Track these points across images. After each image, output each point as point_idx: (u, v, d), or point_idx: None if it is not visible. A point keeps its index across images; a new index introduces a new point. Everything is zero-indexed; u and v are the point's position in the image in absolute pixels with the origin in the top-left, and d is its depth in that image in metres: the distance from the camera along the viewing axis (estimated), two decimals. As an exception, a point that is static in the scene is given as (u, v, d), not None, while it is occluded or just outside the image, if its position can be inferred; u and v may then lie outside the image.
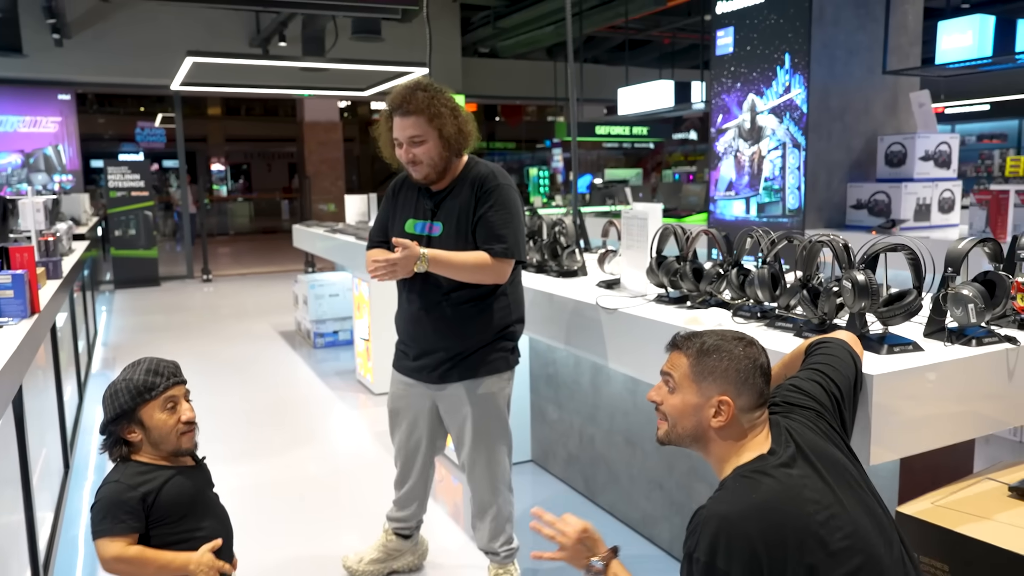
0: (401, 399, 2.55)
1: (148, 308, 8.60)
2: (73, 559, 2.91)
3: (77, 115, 10.34)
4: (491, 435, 2.45)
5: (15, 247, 2.45)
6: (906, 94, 4.96)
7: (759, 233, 2.19)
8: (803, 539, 1.28)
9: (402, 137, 2.28)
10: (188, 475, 1.68)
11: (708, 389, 1.44)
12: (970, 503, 1.67)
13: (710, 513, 1.32)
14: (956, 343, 1.82)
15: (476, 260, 2.27)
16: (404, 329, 2.51)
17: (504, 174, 2.39)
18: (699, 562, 1.29)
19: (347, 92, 10.37)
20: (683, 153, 18.76)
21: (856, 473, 1.43)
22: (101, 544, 1.55)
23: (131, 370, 1.64)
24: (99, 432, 1.65)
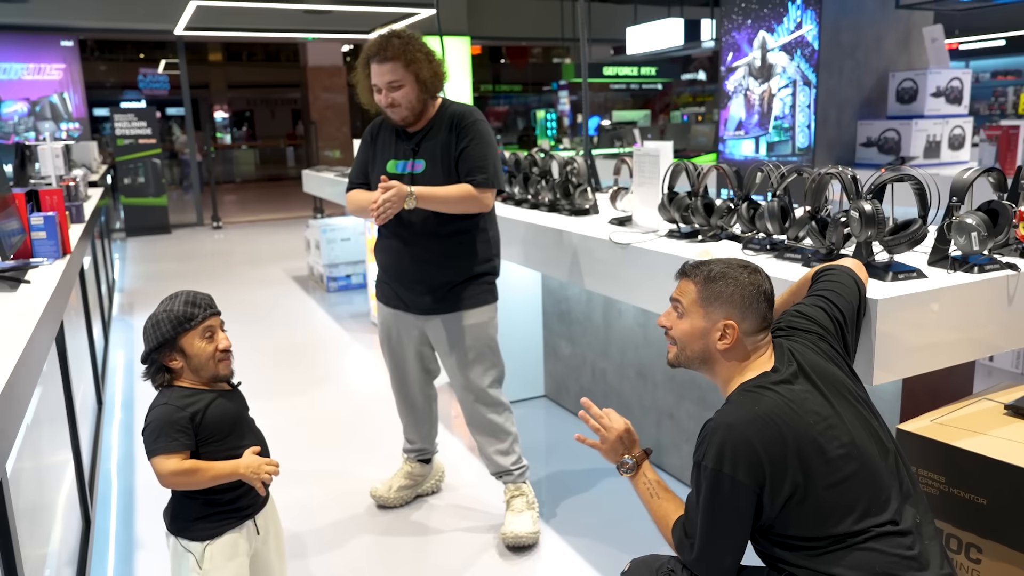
0: (389, 328, 2.67)
1: (161, 255, 8.71)
2: (109, 491, 3.07)
3: (80, 62, 10.29)
4: (484, 362, 2.59)
5: (45, 190, 2.53)
6: (919, 29, 4.92)
7: (769, 168, 2.25)
8: (802, 447, 1.38)
9: (380, 83, 2.39)
10: (228, 398, 1.79)
11: (714, 314, 1.53)
12: (967, 420, 1.76)
13: (716, 424, 1.42)
14: (959, 270, 1.89)
15: (460, 192, 2.41)
16: (386, 262, 2.62)
17: (477, 111, 2.53)
18: (707, 469, 1.39)
19: (352, 35, 10.26)
20: (691, 94, 18.53)
21: (855, 390, 1.52)
22: (157, 461, 1.66)
23: (170, 302, 1.73)
24: (140, 361, 1.75)
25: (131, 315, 5.84)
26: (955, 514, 1.66)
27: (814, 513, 1.38)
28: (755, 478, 1.37)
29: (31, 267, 2.28)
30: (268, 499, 1.92)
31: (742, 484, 1.37)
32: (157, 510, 2.82)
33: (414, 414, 2.79)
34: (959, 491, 1.65)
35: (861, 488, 1.39)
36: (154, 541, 2.66)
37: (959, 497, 1.65)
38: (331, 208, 10.63)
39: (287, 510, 2.23)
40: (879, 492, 1.40)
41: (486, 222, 2.55)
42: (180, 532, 1.78)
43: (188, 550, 1.77)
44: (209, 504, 1.77)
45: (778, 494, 1.37)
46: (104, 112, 17.01)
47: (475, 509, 2.83)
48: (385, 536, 2.68)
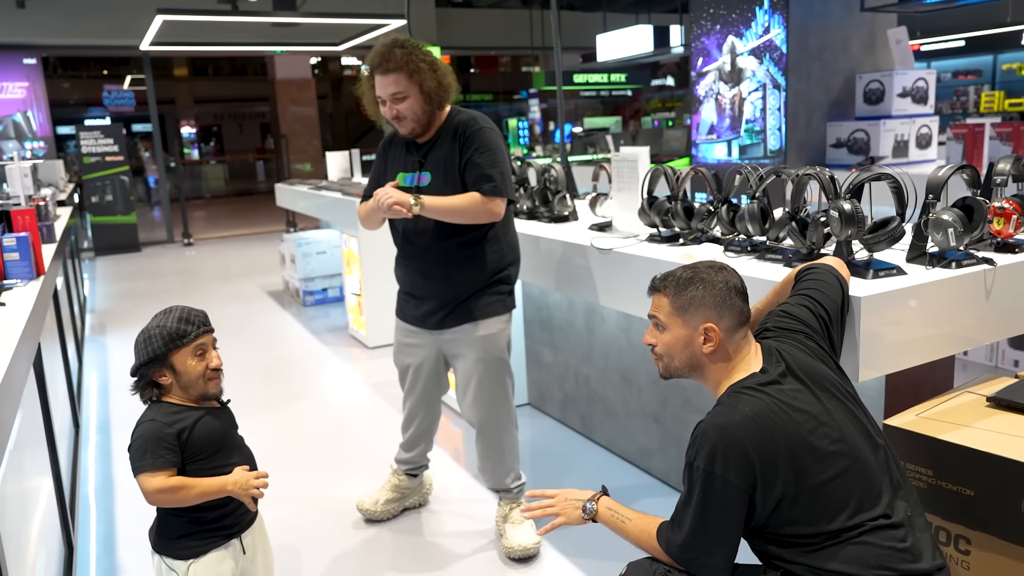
0: (407, 346, 2.64)
1: (131, 274, 8.58)
2: (88, 515, 3.01)
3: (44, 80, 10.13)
4: (494, 376, 2.55)
5: (17, 210, 2.48)
6: (884, 31, 5.02)
7: (747, 170, 2.28)
8: (792, 446, 1.40)
9: (384, 94, 2.36)
10: (216, 415, 1.77)
11: (693, 319, 1.55)
12: (951, 414, 1.80)
13: (708, 425, 1.44)
14: (937, 266, 1.93)
15: (468, 200, 2.35)
16: (403, 278, 2.60)
17: (485, 118, 2.47)
18: (699, 469, 1.41)
19: (321, 47, 10.22)
20: (660, 100, 18.71)
21: (843, 386, 1.54)
22: (143, 479, 1.63)
23: (163, 317, 1.71)
24: (130, 374, 1.73)
25: (103, 336, 5.74)
26: (943, 506, 1.69)
27: (807, 511, 1.39)
28: (747, 479, 1.38)
29: (5, 288, 2.23)
30: (256, 517, 1.89)
31: (734, 485, 1.38)
32: (138, 534, 2.78)
33: (418, 429, 2.75)
34: (947, 483, 1.67)
35: (853, 484, 1.41)
36: (136, 565, 2.61)
37: (947, 489, 1.67)
38: (304, 221, 10.55)
39: (273, 527, 2.20)
40: (871, 487, 1.42)
41: (496, 230, 2.47)
42: (164, 550, 1.76)
43: (172, 568, 1.75)
44: (194, 522, 1.75)
45: (770, 494, 1.39)
46: (69, 130, 16.74)
47: (465, 522, 2.82)
48: (375, 551, 2.65)
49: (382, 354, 4.90)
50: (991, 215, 1.97)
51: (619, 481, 3.01)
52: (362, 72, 2.45)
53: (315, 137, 14.64)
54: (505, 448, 2.62)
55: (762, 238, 2.23)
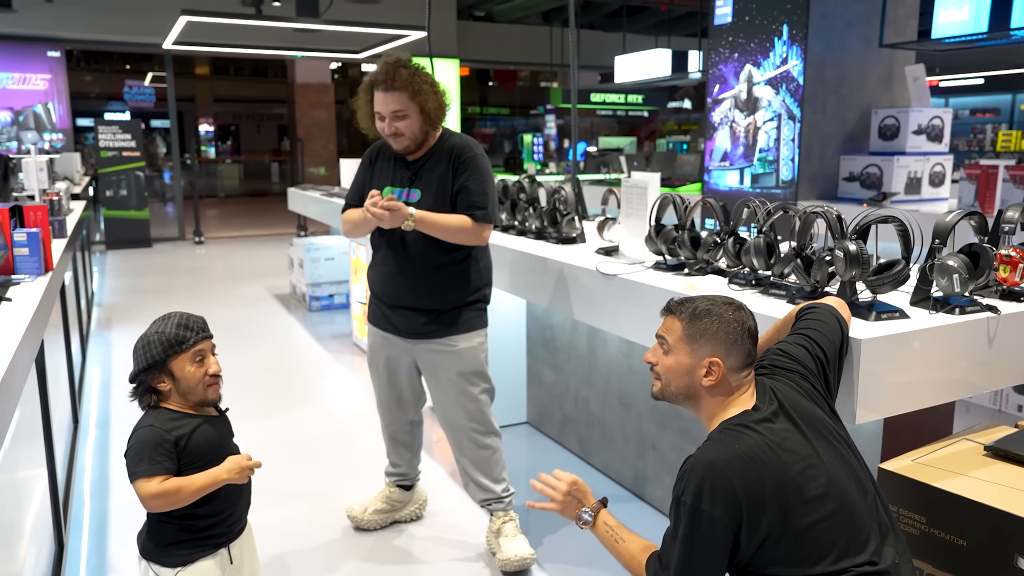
0: (379, 351, 2.67)
1: (141, 269, 8.63)
2: (81, 512, 3.02)
3: (66, 72, 10.24)
4: (476, 387, 2.59)
5: (30, 205, 2.51)
6: (901, 67, 5.03)
7: (755, 203, 2.28)
8: (780, 486, 1.40)
9: (385, 111, 2.40)
10: (213, 424, 1.78)
11: (700, 350, 1.55)
12: (948, 461, 1.79)
13: (697, 461, 1.44)
14: (940, 311, 1.92)
15: (459, 222, 2.44)
16: (379, 285, 2.62)
17: (477, 144, 2.56)
18: (685, 504, 1.41)
19: (342, 54, 10.31)
20: (677, 122, 18.76)
21: (836, 429, 1.54)
22: (139, 484, 1.64)
23: (162, 323, 1.72)
24: (129, 380, 1.74)
25: (109, 330, 5.78)
26: (935, 555, 1.68)
27: (791, 552, 1.39)
28: (732, 516, 1.38)
29: (12, 284, 2.25)
30: (245, 528, 1.90)
31: (719, 521, 1.38)
32: (129, 533, 2.77)
33: (397, 439, 2.78)
34: (939, 532, 1.66)
35: (839, 528, 1.41)
36: (126, 565, 2.62)
37: (939, 538, 1.66)
38: (315, 226, 10.60)
39: (264, 533, 2.20)
40: (858, 532, 1.42)
41: (479, 252, 2.58)
42: (152, 557, 1.76)
43: (159, 575, 1.75)
44: (184, 530, 1.75)
45: (755, 533, 1.39)
46: (88, 122, 16.91)
47: (457, 536, 2.81)
48: (365, 562, 2.65)
49: (384, 364, 4.90)
50: (997, 262, 1.97)
51: (613, 507, 2.98)
52: (361, 86, 2.50)
53: (331, 142, 14.72)
54: (490, 457, 2.64)
55: (767, 273, 2.23)
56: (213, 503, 1.75)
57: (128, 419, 1.74)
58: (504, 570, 2.53)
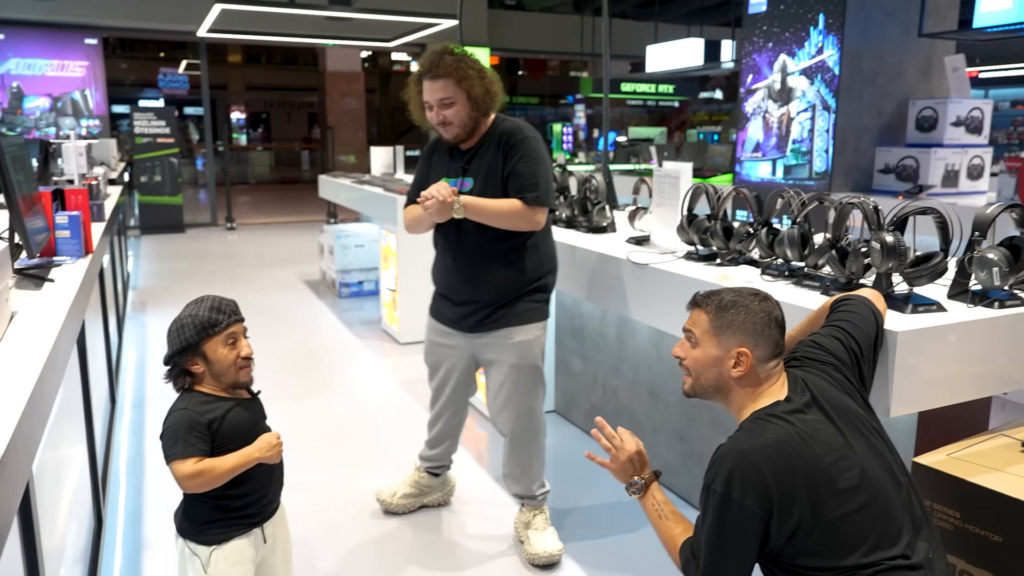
0: (439, 346, 2.66)
1: (174, 254, 8.77)
2: (117, 490, 3.09)
3: (103, 60, 10.40)
4: (528, 383, 2.56)
5: (70, 189, 2.56)
6: (941, 58, 4.93)
7: (790, 194, 2.26)
8: (811, 477, 1.39)
9: (432, 100, 2.39)
10: (246, 406, 1.80)
11: (728, 342, 1.55)
12: (983, 456, 1.76)
13: (728, 450, 1.44)
14: (979, 305, 1.89)
15: (510, 207, 2.39)
16: (440, 280, 2.62)
17: (529, 127, 2.50)
18: (716, 493, 1.41)
19: (373, 42, 10.34)
20: (708, 112, 18.57)
21: (869, 421, 1.53)
22: (175, 466, 1.67)
23: (195, 306, 1.75)
24: (163, 363, 1.77)
25: (144, 313, 5.88)
26: (969, 551, 1.66)
27: (823, 543, 1.38)
28: (763, 505, 1.38)
29: (55, 265, 2.30)
30: (278, 508, 1.93)
31: (749, 510, 1.38)
32: (164, 512, 2.85)
33: (444, 428, 2.78)
34: (974, 527, 1.65)
35: (871, 521, 1.40)
36: (161, 542, 2.68)
37: (974, 533, 1.64)
38: (345, 213, 10.68)
39: (295, 514, 2.24)
40: (890, 525, 1.40)
41: (536, 238, 2.50)
42: (188, 535, 1.80)
43: (195, 553, 1.79)
44: (220, 509, 1.78)
45: (785, 523, 1.38)
46: (123, 109, 17.16)
47: (486, 524, 2.84)
48: (392, 546, 2.68)
49: (413, 350, 4.94)
50: (1039, 256, 1.93)
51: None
52: (411, 77, 2.49)
53: (361, 130, 14.80)
54: (534, 456, 2.63)
55: (801, 264, 2.21)
56: (247, 484, 1.79)
57: (162, 400, 1.78)
58: (532, 563, 2.54)
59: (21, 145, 2.32)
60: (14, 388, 1.25)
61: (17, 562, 1.37)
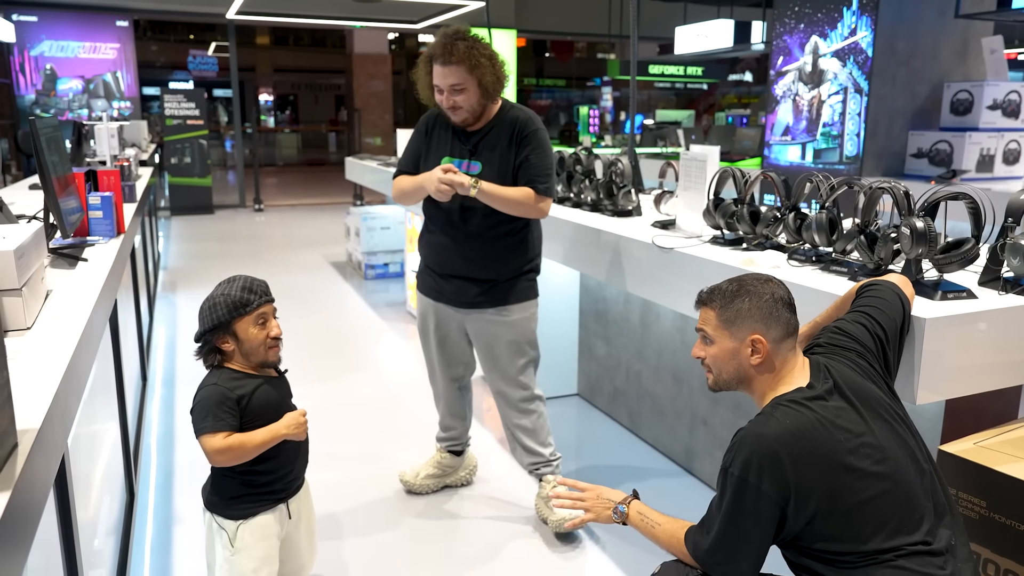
0: (429, 320, 2.71)
1: (203, 235, 8.88)
2: (148, 464, 3.16)
3: (134, 42, 10.50)
4: (523, 357, 2.64)
5: (103, 170, 2.60)
6: (978, 39, 4.81)
7: (818, 178, 2.23)
8: (831, 463, 1.39)
9: (443, 84, 2.41)
10: (273, 384, 1.84)
11: (740, 331, 1.55)
12: (1012, 445, 1.74)
13: (747, 434, 1.44)
14: (1011, 292, 1.86)
15: (522, 195, 2.45)
16: (431, 255, 2.65)
17: (538, 118, 2.56)
18: (733, 476, 1.42)
19: (400, 24, 10.33)
20: (736, 95, 18.32)
21: (893, 408, 1.51)
22: (205, 440, 1.72)
23: (227, 286, 1.78)
24: (194, 340, 1.81)
25: (174, 293, 5.98)
26: (995, 540, 1.64)
27: (842, 529, 1.38)
28: (780, 491, 1.38)
29: (88, 245, 2.35)
30: (303, 485, 1.97)
31: (766, 495, 1.38)
32: (193, 487, 2.91)
33: (449, 405, 2.83)
34: (1000, 516, 1.63)
35: (892, 507, 1.39)
36: (191, 516, 2.74)
37: (999, 522, 1.63)
38: (371, 196, 10.73)
39: (319, 491, 2.28)
40: (912, 512, 1.40)
41: (533, 222, 2.60)
42: (216, 509, 1.84)
43: (222, 527, 1.83)
44: (246, 484, 1.82)
45: (803, 509, 1.38)
46: (154, 91, 17.33)
47: (506, 502, 2.86)
48: (416, 522, 2.72)
49: (437, 333, 4.97)
50: (1074, 243, 1.89)
51: (662, 481, 3.01)
52: (420, 58, 2.50)
53: (387, 112, 14.83)
54: (536, 421, 2.69)
55: (828, 249, 2.18)
56: (274, 460, 1.82)
57: (192, 378, 1.82)
58: (557, 532, 2.59)
59: (55, 127, 2.36)
60: (50, 365, 1.28)
61: (53, 533, 1.42)
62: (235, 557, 1.81)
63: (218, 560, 1.84)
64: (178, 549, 2.54)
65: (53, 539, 1.41)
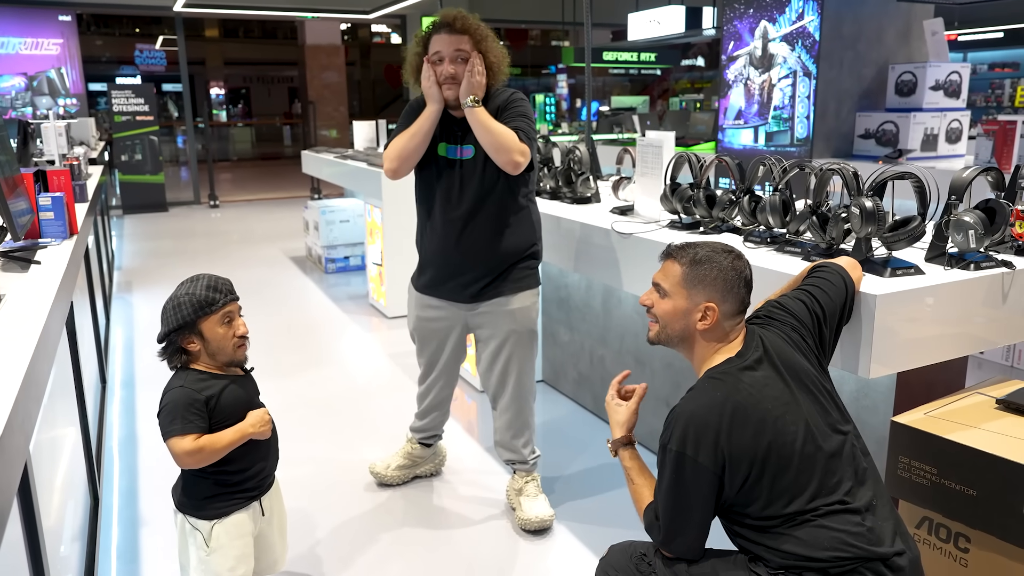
0: (428, 320, 2.64)
1: (158, 233, 8.70)
2: (111, 469, 3.10)
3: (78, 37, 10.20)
4: (526, 349, 2.60)
5: (53, 170, 2.54)
6: (920, 21, 4.93)
7: (771, 161, 2.27)
8: (759, 430, 1.46)
9: (447, 51, 2.35)
10: (240, 383, 1.82)
11: (697, 296, 1.59)
12: (960, 414, 1.81)
13: (680, 410, 1.50)
14: (955, 267, 1.93)
15: (509, 132, 2.35)
16: (435, 249, 2.55)
17: (520, 93, 2.52)
18: (671, 452, 1.48)
19: (352, 14, 10.20)
20: (690, 80, 18.49)
21: (818, 380, 1.58)
22: (173, 443, 1.69)
23: (191, 285, 1.75)
24: (157, 341, 1.78)
25: (130, 293, 5.85)
26: (945, 504, 1.71)
27: (768, 493, 1.45)
28: (715, 460, 1.45)
29: (40, 247, 2.29)
30: (274, 482, 1.96)
31: (703, 466, 1.44)
32: (158, 490, 2.87)
33: (435, 400, 2.79)
34: (950, 482, 1.69)
35: (812, 470, 1.47)
36: (157, 519, 2.70)
37: (950, 488, 1.69)
38: (329, 189, 10.61)
39: (290, 487, 2.27)
40: (830, 475, 1.47)
41: (530, 203, 2.54)
42: (188, 511, 1.82)
43: (196, 528, 1.81)
44: (219, 484, 1.81)
45: (736, 475, 1.45)
46: (101, 87, 16.85)
47: (477, 492, 2.88)
48: (386, 516, 2.72)
49: (401, 324, 4.96)
50: (1013, 218, 1.97)
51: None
52: (417, 33, 2.46)
53: (342, 104, 14.64)
54: (527, 421, 2.68)
55: (782, 230, 2.23)
56: (246, 458, 1.81)
57: (152, 380, 1.79)
58: (524, 528, 2.59)
59: (0, 126, 2.29)
60: (8, 371, 1.25)
61: (19, 541, 1.39)
62: (211, 557, 1.80)
63: (192, 561, 1.82)
64: (145, 553, 2.51)
65: (19, 547, 1.39)
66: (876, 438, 2.10)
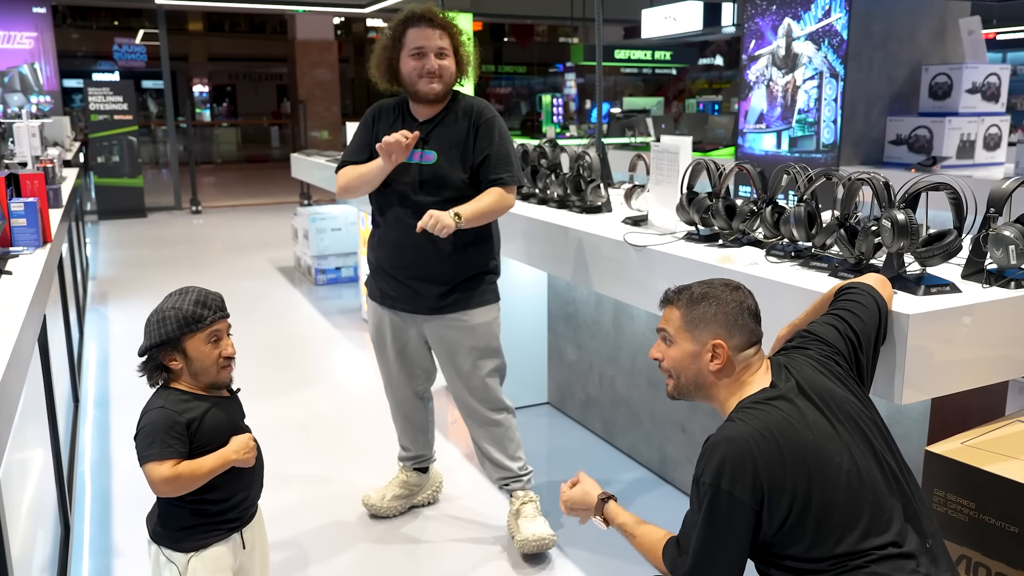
0: (385, 329, 2.69)
1: (136, 241, 8.73)
2: (83, 494, 3.10)
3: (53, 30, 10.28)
4: (492, 363, 2.66)
5: (26, 174, 2.55)
6: (955, 20, 4.95)
7: (796, 170, 2.28)
8: (800, 462, 1.45)
9: (429, 46, 2.44)
10: (224, 406, 1.82)
11: (702, 335, 1.61)
12: (999, 444, 1.80)
13: (715, 440, 1.49)
14: (994, 284, 1.93)
15: (498, 199, 2.49)
16: (384, 254, 2.61)
17: (491, 106, 2.61)
18: (705, 485, 1.47)
19: (346, 8, 10.28)
20: (707, 80, 18.56)
21: (860, 409, 1.58)
22: (150, 468, 1.68)
23: (179, 298, 1.75)
24: (138, 354, 1.77)
25: (105, 305, 5.87)
26: (984, 541, 1.70)
27: (813, 532, 1.44)
28: (753, 495, 1.43)
29: (11, 256, 2.31)
30: (256, 512, 1.95)
31: (740, 501, 1.43)
32: (132, 516, 2.86)
33: (410, 420, 2.83)
34: (989, 518, 1.69)
35: (860, 507, 1.45)
36: (131, 548, 2.70)
37: (989, 524, 1.69)
38: (320, 195, 10.64)
39: (274, 517, 2.27)
40: (879, 512, 1.46)
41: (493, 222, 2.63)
42: (163, 542, 1.81)
43: (171, 560, 1.80)
44: (197, 514, 1.80)
45: (776, 511, 1.43)
46: (76, 83, 16.97)
47: (474, 520, 2.87)
48: (377, 547, 2.72)
49: (395, 341, 4.96)
50: (1057, 233, 1.96)
51: (640, 490, 3.05)
52: (389, 25, 2.51)
53: (335, 104, 14.72)
54: (503, 434, 2.70)
55: (807, 244, 2.24)
56: (226, 487, 1.80)
57: (127, 399, 1.80)
58: (523, 551, 2.60)
59: (-29, 127, 2.31)
60: (-23, 389, 1.26)
61: (-16, 572, 1.39)
62: (185, 592, 1.79)
63: (166, 596, 1.81)
64: (119, 585, 2.50)
65: (-16, 580, 1.39)
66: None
